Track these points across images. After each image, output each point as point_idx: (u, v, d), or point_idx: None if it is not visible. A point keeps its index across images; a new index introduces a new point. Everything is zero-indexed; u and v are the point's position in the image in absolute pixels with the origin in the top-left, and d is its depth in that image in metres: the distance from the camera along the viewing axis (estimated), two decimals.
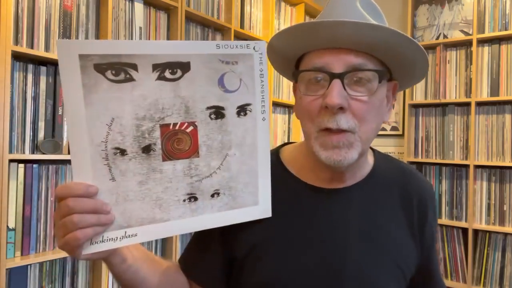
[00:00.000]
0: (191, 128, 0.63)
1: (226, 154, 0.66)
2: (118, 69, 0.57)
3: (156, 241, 2.03)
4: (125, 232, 0.60)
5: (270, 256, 0.71)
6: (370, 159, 0.79)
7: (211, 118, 0.64)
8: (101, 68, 0.57)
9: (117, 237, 0.60)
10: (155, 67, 0.59)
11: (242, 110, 0.66)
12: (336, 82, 0.64)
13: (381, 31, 0.64)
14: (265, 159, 0.69)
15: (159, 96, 0.60)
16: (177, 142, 0.62)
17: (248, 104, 0.66)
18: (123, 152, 0.59)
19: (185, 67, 0.61)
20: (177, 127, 0.62)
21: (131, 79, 0.58)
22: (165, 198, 0.62)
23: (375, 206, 0.75)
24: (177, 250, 2.08)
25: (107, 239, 0.59)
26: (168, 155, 0.62)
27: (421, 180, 0.82)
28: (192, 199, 0.64)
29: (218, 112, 0.64)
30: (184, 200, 0.64)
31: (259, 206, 0.69)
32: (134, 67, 0.58)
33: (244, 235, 0.71)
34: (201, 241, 0.77)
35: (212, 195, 0.65)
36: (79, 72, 0.56)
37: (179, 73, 0.61)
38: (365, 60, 0.66)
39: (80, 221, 0.55)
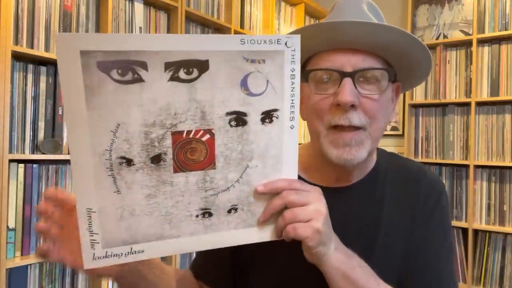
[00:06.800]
0: (207, 136, 0.56)
1: (247, 166, 0.59)
2: (125, 68, 0.50)
3: None
4: (131, 248, 0.56)
5: (274, 261, 0.71)
6: (374, 156, 0.80)
7: (231, 125, 0.56)
8: (105, 67, 0.50)
9: (121, 253, 0.56)
10: (168, 65, 0.52)
11: (268, 116, 0.58)
12: (348, 80, 0.65)
13: (393, 33, 0.65)
14: (291, 173, 0.61)
15: (172, 99, 0.53)
16: (190, 152, 0.56)
17: (275, 110, 0.58)
18: (129, 162, 0.53)
19: (202, 66, 0.53)
20: (191, 135, 0.55)
21: (139, 79, 0.51)
22: (175, 213, 0.57)
23: (378, 202, 0.75)
24: (177, 258, 2.08)
25: (111, 255, 0.55)
26: (180, 166, 0.55)
27: (428, 176, 0.80)
28: (206, 215, 0.58)
29: (239, 119, 0.57)
30: (197, 216, 0.58)
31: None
32: (144, 65, 0.51)
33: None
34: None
35: (229, 211, 0.59)
36: (81, 71, 0.49)
37: (195, 73, 0.53)
38: (374, 61, 0.68)
39: None
